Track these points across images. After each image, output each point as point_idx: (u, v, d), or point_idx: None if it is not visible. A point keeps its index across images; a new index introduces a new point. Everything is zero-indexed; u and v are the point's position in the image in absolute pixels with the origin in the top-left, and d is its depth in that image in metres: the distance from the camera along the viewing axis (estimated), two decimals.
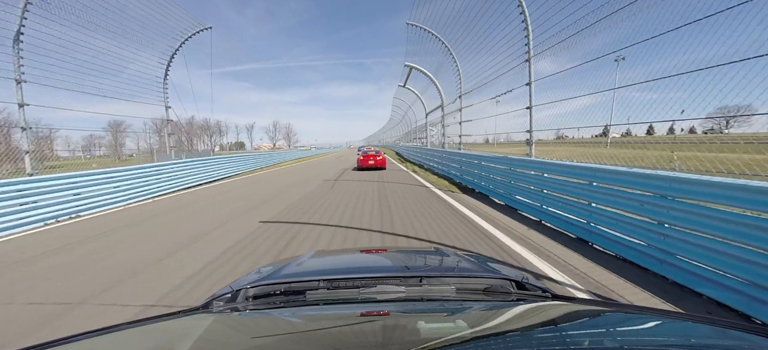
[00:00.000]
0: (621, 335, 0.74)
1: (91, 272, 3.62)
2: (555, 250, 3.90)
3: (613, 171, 3.68)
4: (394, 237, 4.64)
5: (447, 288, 0.99)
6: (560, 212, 4.62)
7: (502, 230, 4.82)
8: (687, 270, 2.77)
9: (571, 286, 2.95)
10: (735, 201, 2.42)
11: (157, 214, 6.86)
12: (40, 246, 4.78)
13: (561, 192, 4.64)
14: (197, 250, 4.23)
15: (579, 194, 4.24)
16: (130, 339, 0.77)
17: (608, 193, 3.72)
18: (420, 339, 0.64)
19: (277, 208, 6.95)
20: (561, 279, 3.11)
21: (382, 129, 72.71)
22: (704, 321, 0.80)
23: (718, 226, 2.53)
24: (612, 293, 2.84)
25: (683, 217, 2.81)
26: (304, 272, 1.17)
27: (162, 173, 9.98)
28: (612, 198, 3.65)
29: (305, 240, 4.57)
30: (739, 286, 2.38)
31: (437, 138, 19.86)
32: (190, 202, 8.31)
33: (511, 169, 6.46)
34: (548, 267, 3.41)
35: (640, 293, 2.82)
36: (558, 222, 4.70)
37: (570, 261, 3.54)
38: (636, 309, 1.18)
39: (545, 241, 4.23)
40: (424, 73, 14.68)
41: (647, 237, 3.17)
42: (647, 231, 3.17)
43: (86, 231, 5.53)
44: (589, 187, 4.04)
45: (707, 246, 2.61)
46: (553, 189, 4.84)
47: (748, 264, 2.32)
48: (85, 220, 6.54)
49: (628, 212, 3.42)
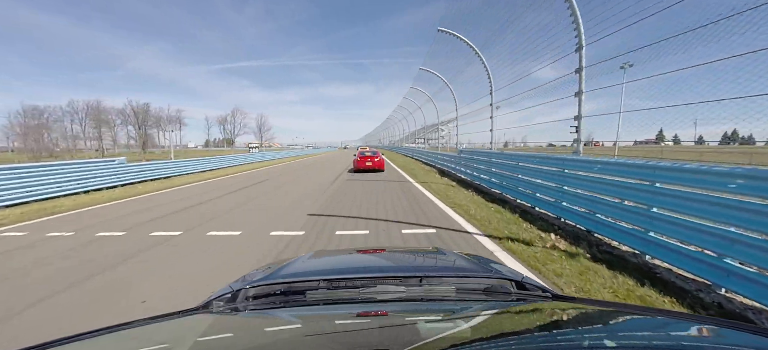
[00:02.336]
0: (621, 335, 0.74)
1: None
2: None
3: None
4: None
5: (447, 288, 0.99)
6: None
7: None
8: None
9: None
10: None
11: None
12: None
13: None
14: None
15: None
16: (130, 339, 0.77)
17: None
18: (420, 339, 0.64)
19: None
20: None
21: (376, 130, 72.57)
22: (704, 321, 0.79)
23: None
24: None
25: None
26: (304, 272, 1.17)
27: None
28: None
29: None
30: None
31: (442, 141, 20.14)
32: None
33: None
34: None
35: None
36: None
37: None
38: (636, 309, 1.16)
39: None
40: (438, 77, 15.09)
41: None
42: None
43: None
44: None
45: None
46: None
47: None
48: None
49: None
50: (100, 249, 4.58)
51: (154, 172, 14.16)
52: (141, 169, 13.50)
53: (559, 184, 5.55)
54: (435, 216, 6.21)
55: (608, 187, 4.42)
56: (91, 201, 8.87)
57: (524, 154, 7.61)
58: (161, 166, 14.93)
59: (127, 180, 12.38)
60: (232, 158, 23.37)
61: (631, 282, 3.22)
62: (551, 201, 5.75)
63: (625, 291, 3.06)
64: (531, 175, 6.66)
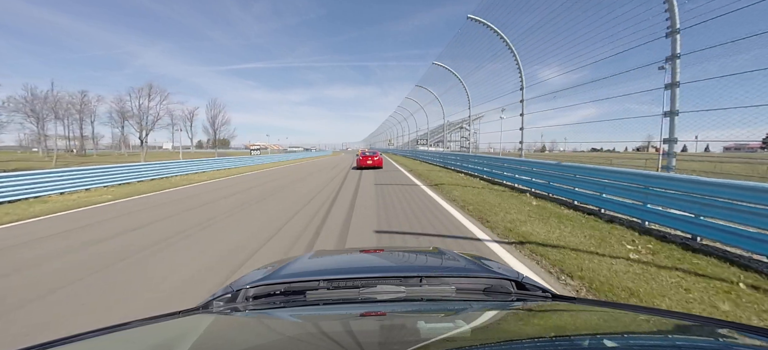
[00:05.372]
0: (621, 335, 0.73)
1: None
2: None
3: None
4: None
5: (447, 288, 0.98)
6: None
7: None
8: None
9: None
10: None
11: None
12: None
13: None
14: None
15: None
16: (130, 340, 0.76)
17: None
18: (420, 339, 0.63)
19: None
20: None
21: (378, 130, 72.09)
22: (705, 321, 0.80)
23: None
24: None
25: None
26: (304, 272, 1.16)
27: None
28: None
29: None
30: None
31: (467, 143, 18.95)
32: None
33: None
34: None
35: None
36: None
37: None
38: (636, 309, 1.11)
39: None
40: (453, 74, 14.11)
41: None
42: None
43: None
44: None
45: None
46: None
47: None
48: None
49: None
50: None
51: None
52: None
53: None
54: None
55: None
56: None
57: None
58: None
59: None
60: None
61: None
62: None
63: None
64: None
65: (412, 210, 6.94)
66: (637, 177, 5.41)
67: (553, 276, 3.45)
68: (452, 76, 14.92)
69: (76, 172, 10.80)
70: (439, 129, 24.32)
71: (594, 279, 3.24)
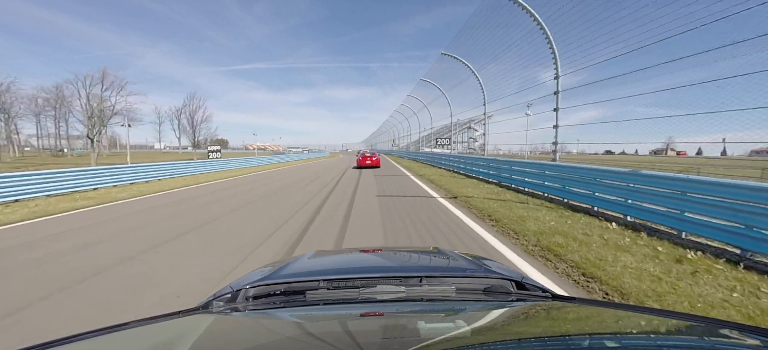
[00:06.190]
0: (621, 335, 0.72)
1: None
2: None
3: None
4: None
5: (447, 288, 0.97)
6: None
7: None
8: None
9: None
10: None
11: None
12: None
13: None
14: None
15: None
16: (130, 340, 0.75)
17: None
18: (420, 340, 0.62)
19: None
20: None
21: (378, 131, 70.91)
22: (704, 321, 0.78)
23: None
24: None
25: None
26: (304, 272, 1.15)
27: None
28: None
29: None
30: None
31: (475, 144, 17.32)
32: None
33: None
34: None
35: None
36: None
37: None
38: (636, 309, 1.10)
39: None
40: (465, 65, 12.48)
41: None
42: None
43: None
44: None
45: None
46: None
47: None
48: None
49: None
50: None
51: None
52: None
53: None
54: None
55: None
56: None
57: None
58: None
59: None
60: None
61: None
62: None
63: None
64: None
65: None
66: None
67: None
68: (462, 68, 13.33)
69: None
70: (443, 129, 22.82)
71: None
